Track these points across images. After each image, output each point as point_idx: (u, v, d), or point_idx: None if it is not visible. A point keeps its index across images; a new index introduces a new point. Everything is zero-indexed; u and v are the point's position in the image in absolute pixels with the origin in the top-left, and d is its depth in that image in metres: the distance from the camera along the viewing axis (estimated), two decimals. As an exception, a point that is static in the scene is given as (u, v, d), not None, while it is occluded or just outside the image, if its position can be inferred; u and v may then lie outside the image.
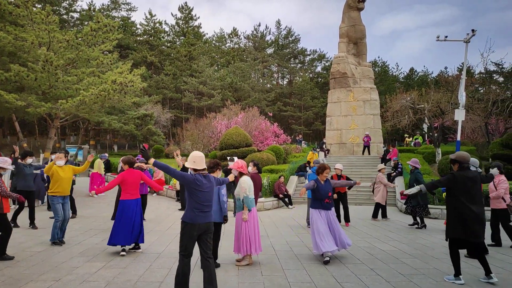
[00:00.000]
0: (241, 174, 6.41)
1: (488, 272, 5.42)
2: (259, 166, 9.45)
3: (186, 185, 4.68)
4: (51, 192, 7.51)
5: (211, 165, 5.99)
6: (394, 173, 16.61)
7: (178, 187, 15.16)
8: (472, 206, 5.30)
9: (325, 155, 22.83)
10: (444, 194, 10.15)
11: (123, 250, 6.86)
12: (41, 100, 18.26)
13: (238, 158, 14.81)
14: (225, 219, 6.10)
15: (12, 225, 8.76)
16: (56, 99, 18.19)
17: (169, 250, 7.26)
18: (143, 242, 7.07)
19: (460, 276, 5.44)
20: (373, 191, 12.06)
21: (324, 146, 24.83)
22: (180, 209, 13.02)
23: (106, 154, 18.07)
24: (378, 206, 11.71)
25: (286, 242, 8.24)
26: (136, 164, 7.93)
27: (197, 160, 4.76)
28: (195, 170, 4.77)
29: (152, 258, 6.67)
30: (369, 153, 23.65)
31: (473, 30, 15.91)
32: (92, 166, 17.00)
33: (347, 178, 10.89)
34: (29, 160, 9.47)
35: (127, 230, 6.72)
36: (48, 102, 18.00)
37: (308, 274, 5.80)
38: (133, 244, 7.05)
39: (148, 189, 15.86)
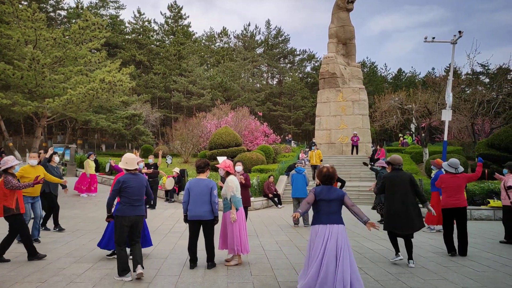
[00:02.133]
0: (227, 173, 6.39)
1: (410, 256, 6.33)
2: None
3: (120, 186, 5.35)
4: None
5: (202, 165, 6.05)
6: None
7: (167, 187, 15.07)
8: (397, 202, 6.27)
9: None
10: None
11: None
12: (27, 98, 18.00)
13: (228, 158, 14.79)
14: (216, 220, 6.07)
15: (43, 228, 8.69)
16: (43, 97, 17.96)
17: (157, 251, 7.20)
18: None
19: (399, 253, 6.48)
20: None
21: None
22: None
23: (92, 154, 17.59)
24: None
25: (275, 242, 8.25)
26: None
27: (129, 161, 5.53)
28: (127, 170, 5.52)
29: (140, 258, 6.60)
30: (357, 153, 23.82)
31: (460, 32, 16.12)
32: (81, 166, 16.72)
33: (339, 179, 10.22)
34: (56, 159, 8.97)
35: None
36: (35, 101, 17.76)
37: (297, 274, 5.81)
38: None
39: None
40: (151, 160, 13.49)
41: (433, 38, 16.66)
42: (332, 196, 4.82)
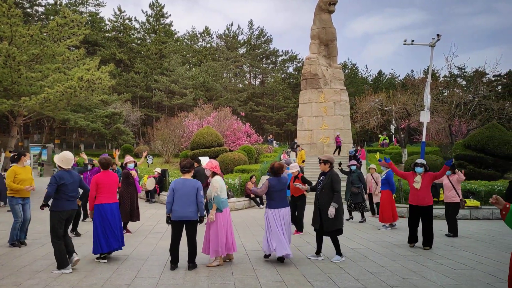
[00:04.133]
0: (213, 174, 6.36)
1: (319, 251, 6.81)
2: None
3: (58, 184, 5.68)
4: (11, 193, 7.21)
5: (187, 165, 6.14)
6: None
7: (148, 187, 14.88)
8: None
9: (296, 155, 23.01)
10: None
11: (105, 257, 6.40)
12: (2, 97, 17.45)
13: (210, 158, 14.69)
14: (201, 220, 6.07)
15: (74, 233, 8.32)
16: (19, 96, 17.46)
17: (137, 252, 7.09)
18: (123, 245, 6.67)
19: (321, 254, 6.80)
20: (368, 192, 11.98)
21: (295, 146, 25.04)
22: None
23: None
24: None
25: (257, 242, 8.24)
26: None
27: (65, 160, 5.88)
28: (60, 167, 5.85)
29: (119, 260, 6.48)
30: (339, 153, 24.06)
31: (438, 35, 16.48)
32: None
33: (303, 179, 8.68)
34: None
35: (110, 236, 6.29)
36: (10, 99, 17.24)
37: (278, 274, 5.82)
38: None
39: None
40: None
41: (413, 40, 16.98)
42: (282, 187, 6.44)
